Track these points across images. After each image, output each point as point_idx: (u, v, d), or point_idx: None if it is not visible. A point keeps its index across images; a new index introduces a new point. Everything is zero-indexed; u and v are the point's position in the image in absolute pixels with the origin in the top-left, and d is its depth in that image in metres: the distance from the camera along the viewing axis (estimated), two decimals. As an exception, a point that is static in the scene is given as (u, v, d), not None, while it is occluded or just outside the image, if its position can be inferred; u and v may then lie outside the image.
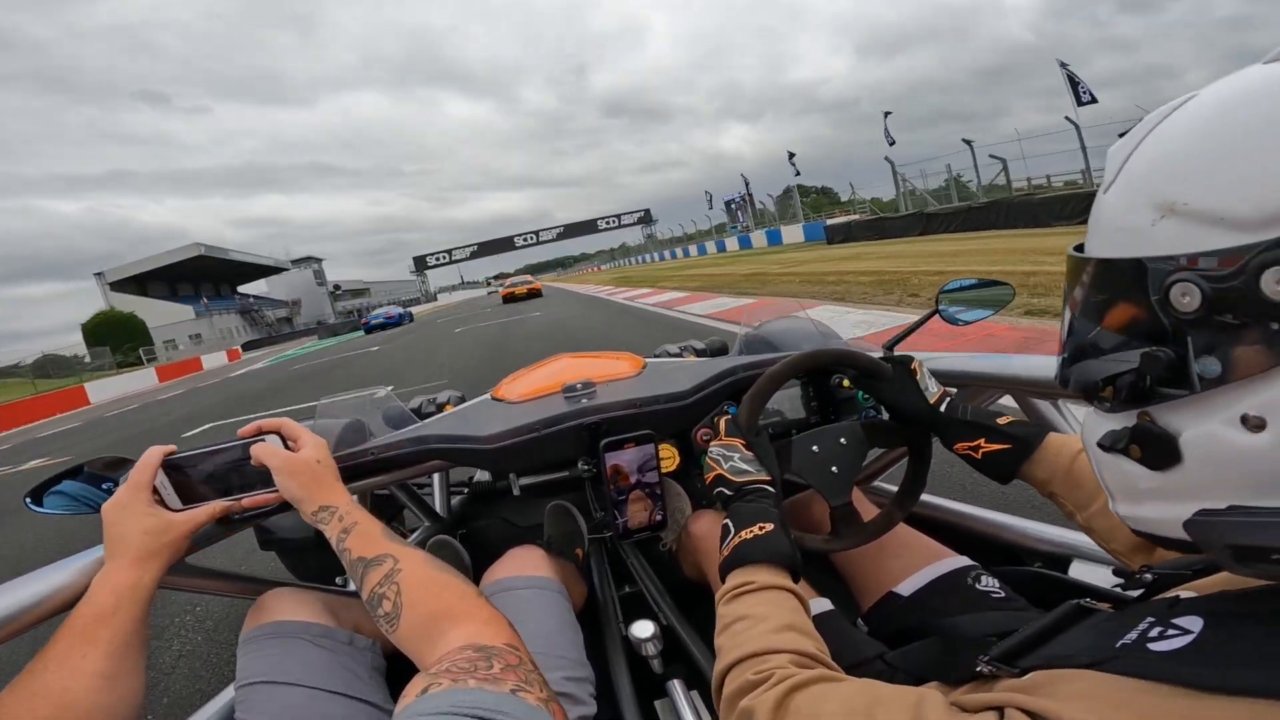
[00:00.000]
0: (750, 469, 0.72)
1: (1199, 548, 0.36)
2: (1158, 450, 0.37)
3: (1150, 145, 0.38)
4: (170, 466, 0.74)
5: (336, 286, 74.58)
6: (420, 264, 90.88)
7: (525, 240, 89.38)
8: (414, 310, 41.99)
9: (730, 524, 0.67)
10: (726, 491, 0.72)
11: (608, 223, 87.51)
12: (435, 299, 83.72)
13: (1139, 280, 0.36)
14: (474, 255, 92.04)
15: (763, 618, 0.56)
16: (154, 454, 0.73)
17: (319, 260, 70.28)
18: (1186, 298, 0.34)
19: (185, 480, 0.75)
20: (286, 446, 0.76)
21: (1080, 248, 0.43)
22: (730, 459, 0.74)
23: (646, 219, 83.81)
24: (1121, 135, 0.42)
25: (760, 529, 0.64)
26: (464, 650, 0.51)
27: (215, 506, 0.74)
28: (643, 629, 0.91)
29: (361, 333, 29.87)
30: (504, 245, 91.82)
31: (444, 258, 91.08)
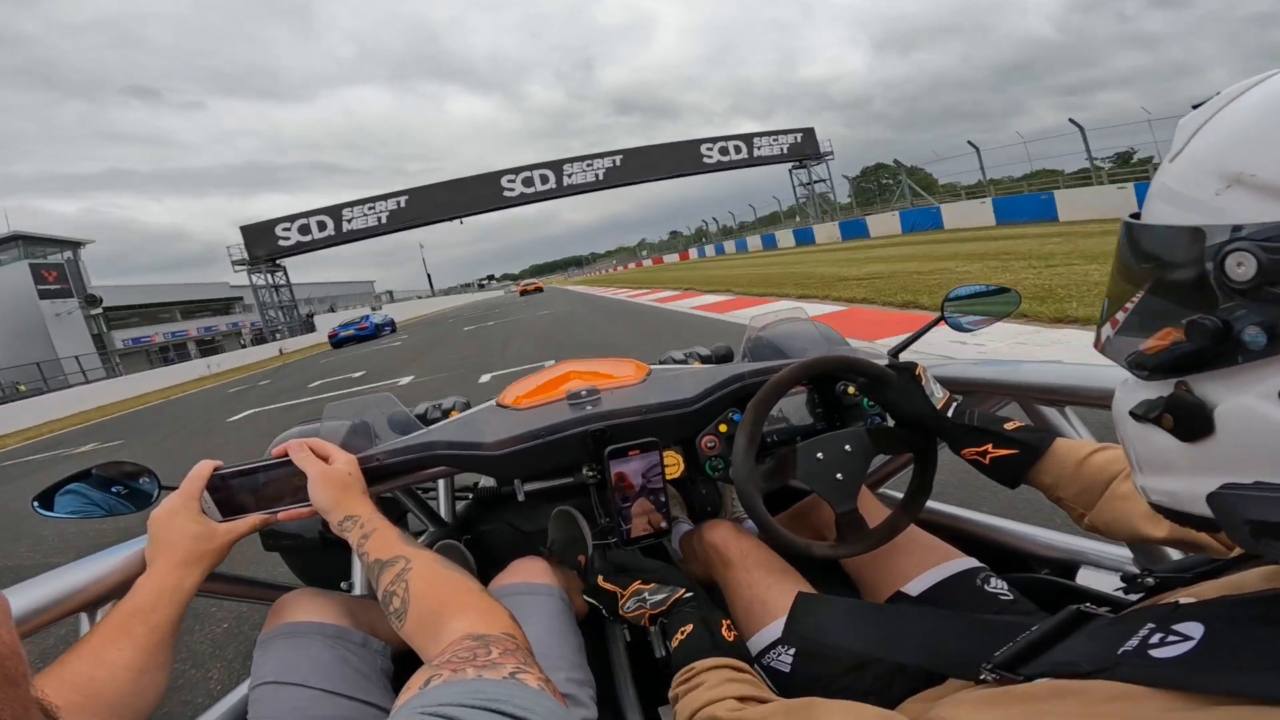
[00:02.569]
0: (663, 594, 0.78)
1: (1218, 523, 0.36)
2: (1191, 421, 0.37)
3: (1225, 116, 0.38)
4: (213, 483, 0.80)
5: (91, 299, 32.70)
6: (257, 241, 35.47)
7: (524, 187, 38.88)
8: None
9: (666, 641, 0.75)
10: (665, 621, 0.77)
11: (734, 149, 40.80)
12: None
13: (1195, 247, 0.36)
14: (401, 222, 37.75)
15: (710, 686, 0.62)
16: (204, 467, 0.80)
17: (59, 245, 32.46)
18: (1242, 267, 0.34)
19: (227, 494, 0.81)
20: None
21: (1137, 215, 0.43)
22: (643, 602, 0.80)
23: (806, 145, 40.84)
24: (1195, 107, 0.42)
25: (682, 634, 0.71)
26: (463, 640, 0.52)
27: (254, 519, 0.80)
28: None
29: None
30: (478, 194, 38.59)
31: (316, 227, 36.37)
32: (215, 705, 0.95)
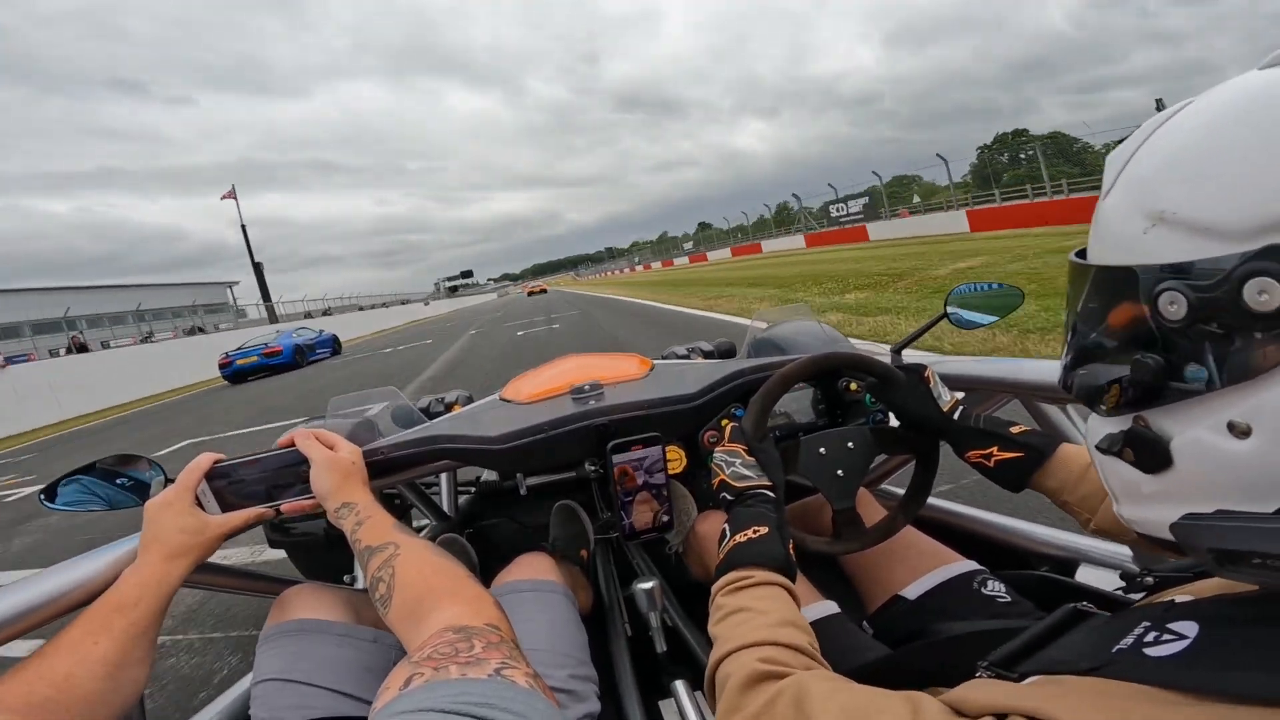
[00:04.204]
0: (751, 475, 0.73)
1: (1184, 550, 0.37)
2: (1149, 454, 0.38)
3: (1145, 152, 0.39)
4: (215, 473, 0.79)
5: None
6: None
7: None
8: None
9: (728, 528, 0.69)
10: (728, 496, 0.73)
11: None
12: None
13: (1131, 288, 0.37)
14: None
15: (763, 611, 0.57)
16: (204, 460, 0.79)
17: None
18: (1174, 305, 0.34)
19: (227, 487, 0.80)
20: None
21: (1083, 253, 0.43)
22: (733, 464, 0.75)
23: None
24: (1119, 142, 0.43)
25: (755, 532, 0.65)
26: (444, 634, 0.50)
27: (253, 512, 0.79)
28: (643, 582, 0.93)
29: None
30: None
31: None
32: (215, 701, 0.95)
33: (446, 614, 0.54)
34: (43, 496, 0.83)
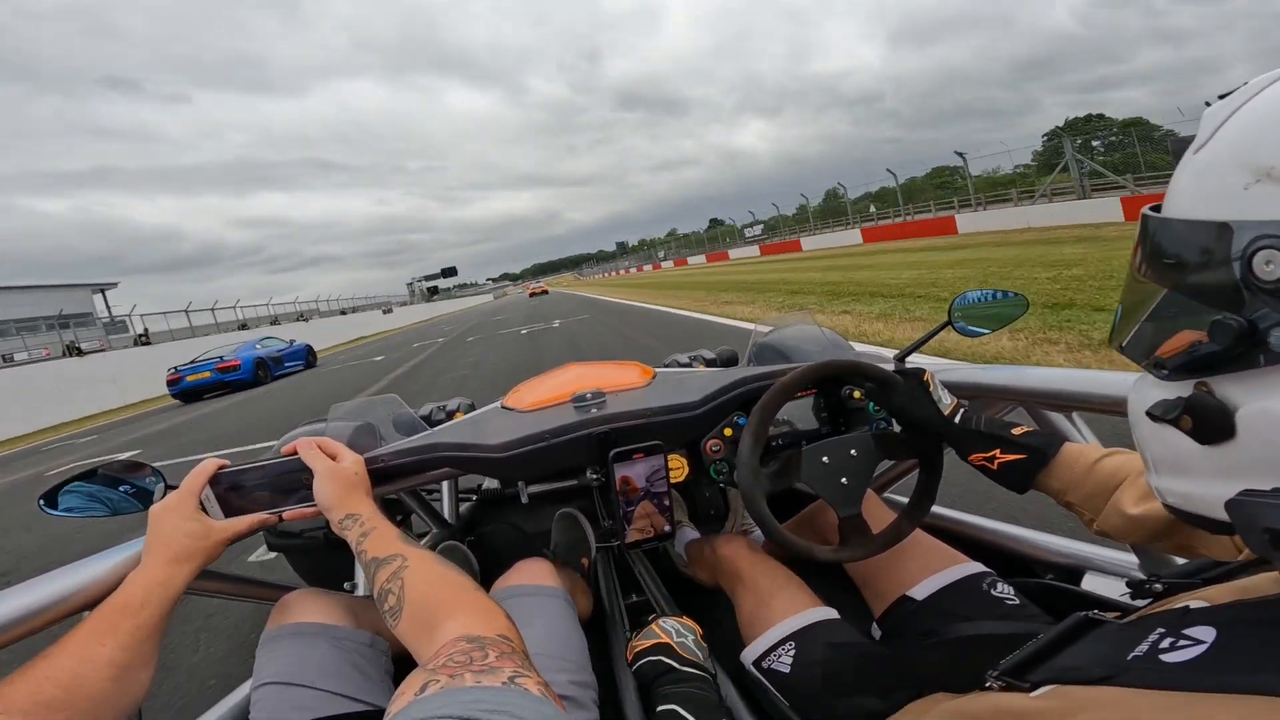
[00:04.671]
0: (699, 655, 0.80)
1: (1235, 529, 0.35)
2: (1212, 423, 0.36)
3: (1253, 108, 0.36)
4: (219, 479, 0.80)
5: None
6: None
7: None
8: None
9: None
10: (667, 661, 0.79)
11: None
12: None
13: (1222, 243, 0.35)
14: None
15: None
16: (208, 465, 0.80)
17: None
18: (1270, 265, 0.32)
19: (231, 492, 0.81)
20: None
21: (1157, 208, 0.41)
22: (685, 637, 0.82)
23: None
24: (1222, 97, 0.40)
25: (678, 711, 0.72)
26: (458, 642, 0.51)
27: (256, 518, 0.80)
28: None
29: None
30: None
31: None
32: (216, 705, 0.95)
33: (459, 624, 0.55)
34: (43, 503, 0.82)
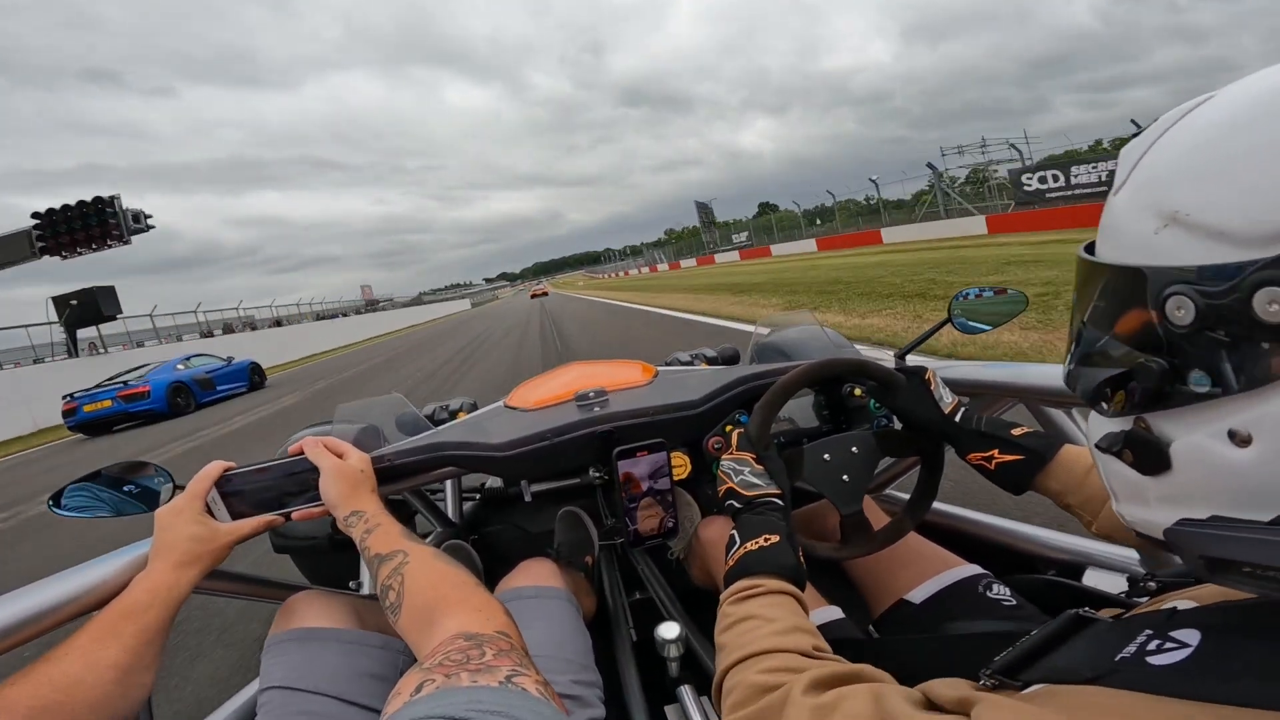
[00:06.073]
0: (760, 483, 0.73)
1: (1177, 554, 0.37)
2: (1148, 456, 0.38)
3: (1161, 148, 0.37)
4: (225, 481, 0.80)
5: None
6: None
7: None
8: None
9: (736, 534, 0.68)
10: (736, 504, 0.73)
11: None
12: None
13: (1139, 289, 0.36)
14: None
15: (770, 619, 0.56)
16: (214, 468, 0.80)
17: None
18: (1181, 310, 0.33)
19: (237, 495, 0.81)
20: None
21: (1091, 247, 0.42)
22: (741, 473, 0.75)
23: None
24: (1136, 134, 0.41)
25: (766, 540, 0.65)
26: (456, 640, 0.50)
27: (262, 520, 0.80)
28: (668, 630, 0.91)
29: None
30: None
31: None
32: (220, 708, 0.95)
33: (457, 621, 0.55)
34: (51, 503, 0.83)
